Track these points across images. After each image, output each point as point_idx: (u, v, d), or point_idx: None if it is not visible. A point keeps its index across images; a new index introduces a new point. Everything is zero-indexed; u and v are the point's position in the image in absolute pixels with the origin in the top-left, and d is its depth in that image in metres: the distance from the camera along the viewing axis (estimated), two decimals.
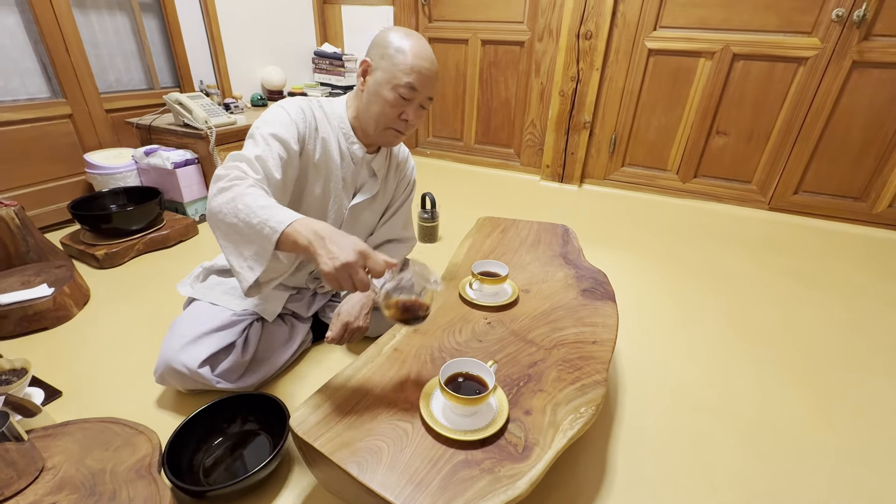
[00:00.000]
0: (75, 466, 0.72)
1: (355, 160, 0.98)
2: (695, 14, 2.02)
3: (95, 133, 1.86)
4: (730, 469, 0.88)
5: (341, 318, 1.01)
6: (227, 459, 0.84)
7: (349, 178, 1.00)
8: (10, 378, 0.93)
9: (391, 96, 0.87)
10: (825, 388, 1.11)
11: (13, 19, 1.59)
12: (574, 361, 0.77)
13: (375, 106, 0.89)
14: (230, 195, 0.70)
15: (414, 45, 0.85)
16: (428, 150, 2.95)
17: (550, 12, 2.27)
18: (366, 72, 0.90)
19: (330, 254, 0.61)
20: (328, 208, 1.01)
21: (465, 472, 0.57)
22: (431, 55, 0.88)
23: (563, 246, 1.19)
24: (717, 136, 2.19)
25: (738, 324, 1.35)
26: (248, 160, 0.78)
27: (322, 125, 0.94)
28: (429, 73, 0.87)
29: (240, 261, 0.70)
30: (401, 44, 0.85)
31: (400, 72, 0.85)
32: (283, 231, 0.64)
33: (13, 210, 1.32)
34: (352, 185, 1.02)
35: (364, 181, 1.03)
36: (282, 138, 0.85)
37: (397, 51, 0.85)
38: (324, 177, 0.97)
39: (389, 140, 0.95)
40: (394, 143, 0.96)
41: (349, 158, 0.98)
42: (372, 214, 1.10)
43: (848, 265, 1.75)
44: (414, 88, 0.86)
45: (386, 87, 0.86)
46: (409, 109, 0.88)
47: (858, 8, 1.76)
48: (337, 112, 0.97)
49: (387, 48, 0.86)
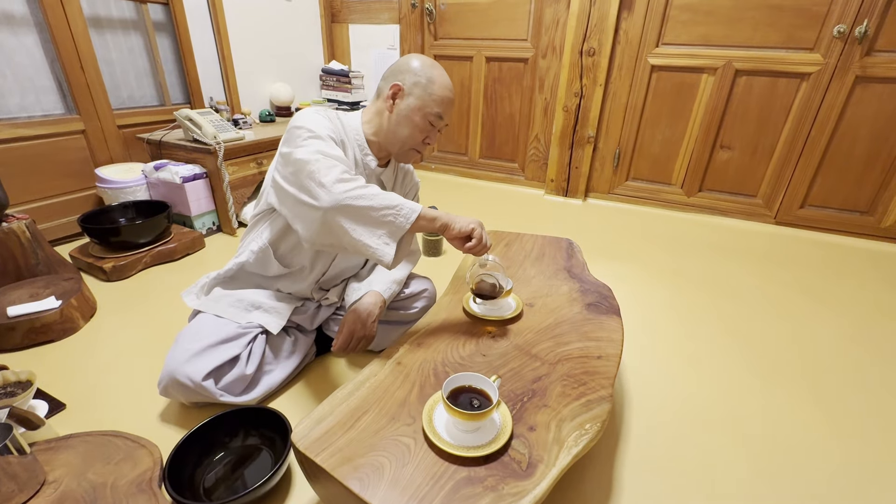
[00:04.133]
0: (77, 480, 0.71)
1: (367, 171, 1.01)
2: (696, 31, 2.05)
3: (107, 148, 1.90)
4: (737, 486, 0.86)
5: (347, 326, 1.01)
6: (228, 474, 0.83)
7: None
8: (15, 390, 0.93)
9: (422, 123, 0.93)
10: (832, 403, 1.09)
11: (31, 39, 1.64)
12: (579, 376, 0.76)
13: (405, 129, 0.94)
14: (354, 185, 0.78)
15: (442, 77, 0.92)
16: (433, 165, 2.97)
17: (554, 30, 2.31)
18: (396, 95, 0.93)
19: (461, 222, 0.82)
20: None
21: (467, 490, 0.56)
22: (453, 87, 0.96)
23: (567, 260, 1.18)
24: (721, 150, 2.20)
25: (745, 338, 1.33)
26: (340, 158, 0.82)
27: (346, 136, 0.98)
28: (452, 104, 0.96)
29: (374, 239, 0.79)
30: (431, 74, 0.91)
31: (433, 101, 0.91)
32: (418, 214, 0.79)
33: (24, 223, 1.35)
34: None
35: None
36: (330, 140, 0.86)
37: (430, 81, 0.91)
38: None
39: (410, 158, 1.01)
40: (413, 160, 1.03)
41: (362, 168, 1.00)
42: None
43: (855, 279, 1.73)
44: (441, 118, 0.94)
45: (418, 113, 0.92)
46: (431, 135, 0.96)
47: (860, 24, 1.77)
48: (353, 125, 0.99)
49: (419, 76, 0.91)
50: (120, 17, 1.90)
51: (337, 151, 0.84)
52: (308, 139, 0.84)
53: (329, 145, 0.84)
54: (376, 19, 2.74)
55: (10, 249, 1.32)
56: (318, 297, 1.13)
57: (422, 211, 0.79)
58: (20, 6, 1.59)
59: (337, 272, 1.13)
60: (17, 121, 1.64)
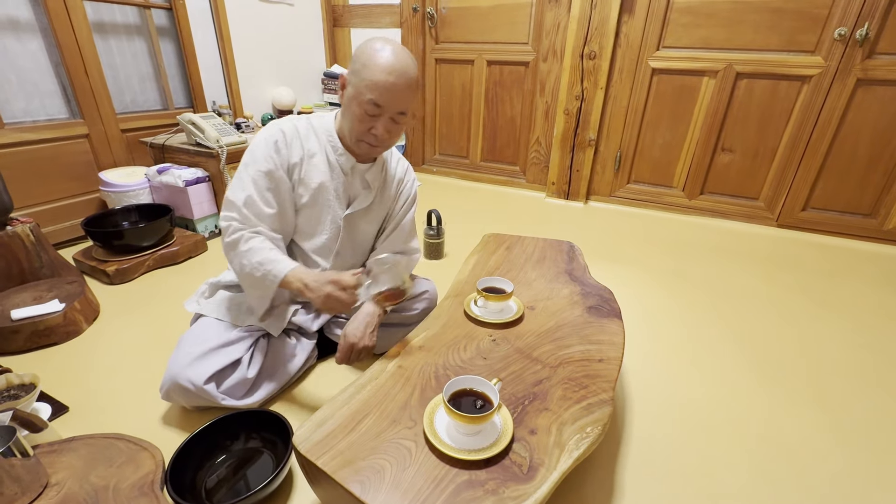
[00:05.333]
0: (79, 483, 0.72)
1: (345, 171, 1.00)
2: (697, 34, 2.05)
3: (111, 152, 1.91)
4: (739, 489, 0.86)
5: (347, 339, 1.01)
6: (229, 477, 0.83)
7: (341, 190, 1.01)
8: (19, 393, 0.93)
9: (358, 112, 0.87)
10: (835, 406, 1.09)
11: (36, 44, 1.66)
12: (580, 380, 0.76)
13: (347, 120, 0.92)
14: (236, 252, 0.91)
15: (382, 60, 0.83)
16: (434, 168, 2.98)
17: (555, 34, 2.32)
18: (343, 85, 0.91)
19: (313, 293, 0.84)
20: (321, 219, 1.03)
21: (468, 493, 0.56)
22: (401, 68, 0.84)
23: (568, 263, 1.18)
24: (722, 152, 2.20)
25: (747, 341, 1.33)
26: (238, 209, 0.92)
27: (308, 141, 0.97)
28: (394, 89, 0.84)
29: (251, 298, 0.95)
30: (369, 58, 0.84)
31: (365, 87, 0.84)
32: (280, 281, 0.87)
33: (28, 227, 1.35)
34: (345, 196, 1.03)
35: (358, 192, 1.04)
36: (266, 171, 0.93)
37: (363, 66, 0.84)
38: (313, 190, 0.99)
39: (365, 152, 0.96)
40: (371, 154, 0.98)
41: (339, 170, 0.99)
42: (369, 225, 1.10)
43: (858, 282, 1.72)
44: (377, 105, 0.85)
45: (354, 102, 0.87)
46: (377, 124, 0.88)
47: (861, 27, 1.78)
48: (325, 126, 0.99)
49: (356, 62, 0.86)
50: (124, 22, 1.92)
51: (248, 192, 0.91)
52: (236, 177, 0.93)
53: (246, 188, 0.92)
54: (378, 23, 2.75)
55: (15, 253, 1.33)
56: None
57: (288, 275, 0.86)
58: (25, 11, 1.61)
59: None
60: (22, 125, 1.65)
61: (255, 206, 0.92)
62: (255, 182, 0.92)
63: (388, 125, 0.89)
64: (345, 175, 1.00)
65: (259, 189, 0.93)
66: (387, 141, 0.92)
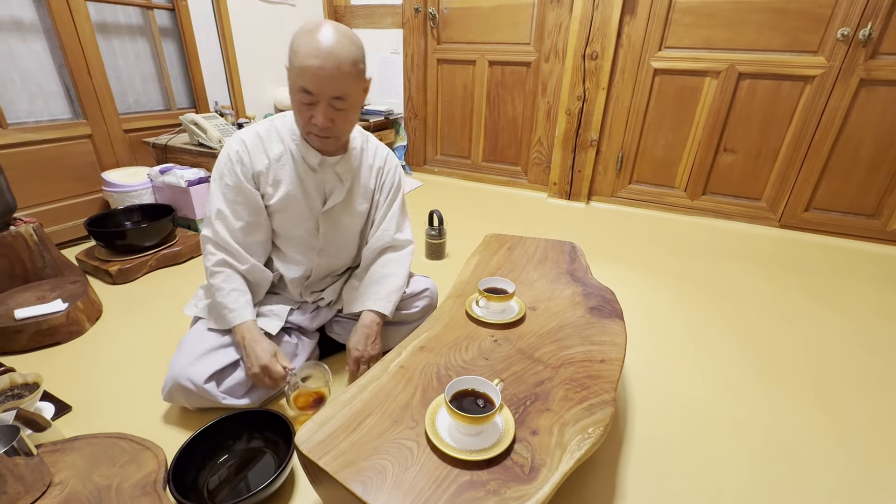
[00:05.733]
0: (82, 482, 0.72)
1: (314, 167, 0.97)
2: (699, 34, 2.05)
3: (113, 152, 1.91)
4: (741, 490, 0.86)
5: (352, 354, 1.04)
6: (231, 477, 0.83)
7: (313, 186, 0.99)
8: (23, 392, 0.94)
9: (296, 102, 0.85)
10: (837, 407, 1.09)
11: (40, 45, 1.67)
12: (581, 380, 0.76)
13: (293, 112, 0.90)
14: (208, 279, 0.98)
15: (307, 43, 0.78)
16: (436, 168, 2.98)
17: (556, 34, 2.32)
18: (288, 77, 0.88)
19: (248, 361, 0.94)
20: (298, 220, 1.02)
21: (470, 494, 0.56)
22: (328, 50, 0.78)
23: (570, 263, 1.18)
24: (724, 153, 2.19)
25: (749, 342, 1.33)
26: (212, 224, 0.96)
27: (272, 144, 0.96)
28: (321, 72, 0.78)
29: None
30: (299, 44, 0.79)
31: (296, 74, 0.81)
32: (232, 328, 0.96)
33: (32, 227, 1.36)
34: (319, 193, 1.01)
35: (333, 187, 1.01)
36: (233, 186, 0.94)
37: (294, 53, 0.80)
38: (284, 193, 0.98)
39: (316, 144, 0.93)
40: (324, 146, 0.93)
41: (306, 167, 0.97)
42: (351, 218, 1.08)
43: (862, 283, 1.72)
44: (308, 91, 0.80)
45: (291, 92, 0.85)
46: (315, 112, 0.84)
47: (864, 27, 1.77)
48: (288, 125, 0.97)
49: (290, 50, 0.82)
50: (127, 22, 1.92)
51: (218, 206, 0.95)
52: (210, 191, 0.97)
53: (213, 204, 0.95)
54: (380, 24, 2.75)
55: (18, 252, 1.34)
56: (313, 299, 1.13)
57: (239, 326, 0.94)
58: (29, 13, 1.62)
59: (321, 275, 1.12)
60: (25, 125, 1.66)
61: (226, 220, 0.95)
62: (224, 196, 0.95)
63: (328, 112, 0.84)
64: (315, 171, 0.98)
65: (228, 202, 0.95)
66: (333, 129, 0.87)
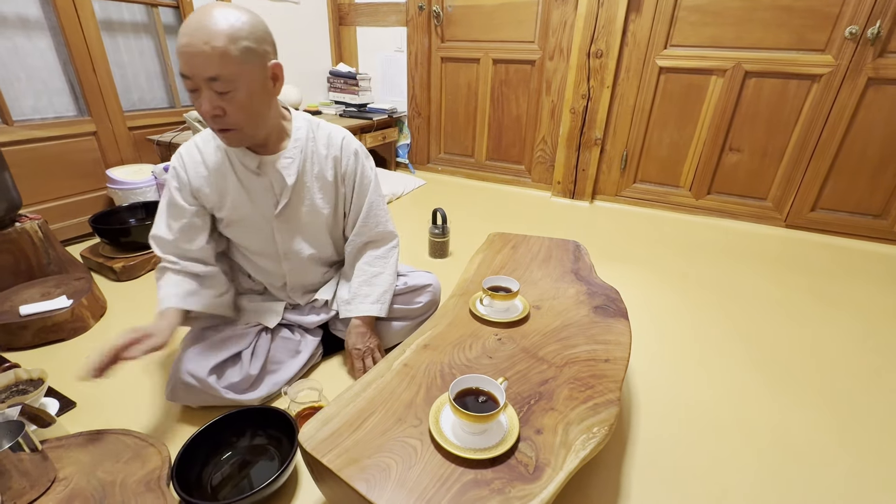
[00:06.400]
0: (86, 478, 0.72)
1: (252, 169, 0.92)
2: (705, 33, 2.03)
3: (118, 149, 1.92)
4: (746, 492, 0.85)
5: (353, 354, 1.05)
6: (235, 474, 0.83)
7: (260, 191, 0.95)
8: (27, 388, 0.94)
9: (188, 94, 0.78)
10: (844, 408, 1.08)
11: (45, 42, 1.67)
12: (586, 380, 0.76)
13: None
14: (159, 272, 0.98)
15: (184, 27, 0.72)
16: (439, 167, 2.98)
17: (561, 32, 2.31)
18: None
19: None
20: (253, 228, 0.99)
21: (474, 492, 0.56)
22: (197, 26, 0.71)
23: (574, 262, 1.18)
24: (730, 152, 2.18)
25: (755, 342, 1.32)
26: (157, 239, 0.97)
27: (209, 154, 0.93)
28: (191, 50, 0.72)
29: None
30: (180, 31, 0.73)
31: (179, 61, 0.75)
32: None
33: (37, 224, 1.36)
34: (268, 196, 0.96)
35: (282, 187, 0.95)
36: (170, 202, 0.95)
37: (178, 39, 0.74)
38: (230, 202, 0.95)
39: (226, 141, 0.85)
40: (228, 143, 0.86)
41: (246, 171, 0.93)
42: (313, 216, 1.01)
43: (869, 283, 1.70)
44: (184, 75, 0.74)
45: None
46: (201, 100, 0.77)
47: (872, 25, 1.75)
48: None
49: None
50: (131, 20, 1.93)
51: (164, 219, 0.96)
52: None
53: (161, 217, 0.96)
54: (384, 22, 2.75)
55: (23, 249, 1.34)
56: (305, 301, 1.13)
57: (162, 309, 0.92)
58: (34, 10, 1.62)
59: (299, 280, 1.10)
60: (31, 122, 1.67)
61: (160, 228, 0.96)
62: (167, 210, 0.96)
63: (212, 98, 0.76)
64: (257, 175, 0.93)
65: (166, 218, 0.96)
66: (227, 120, 0.79)
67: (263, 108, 0.85)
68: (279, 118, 0.94)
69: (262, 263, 1.06)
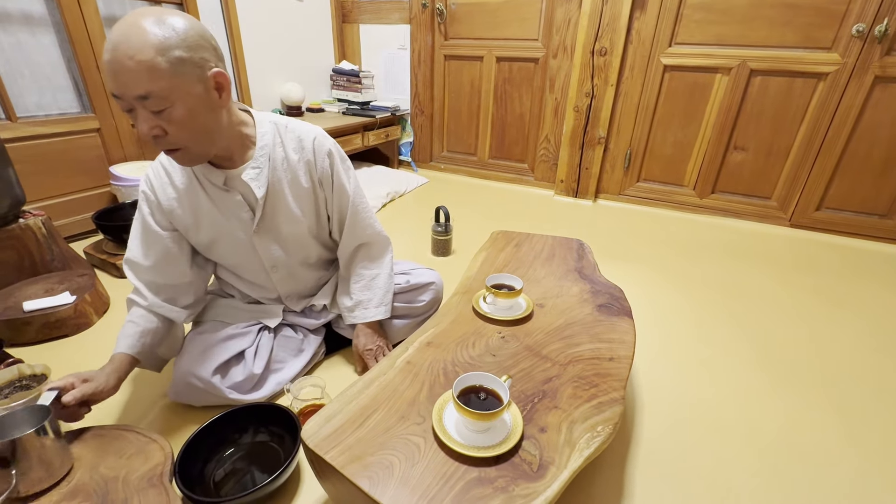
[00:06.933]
0: (89, 474, 0.72)
1: (220, 185, 0.86)
2: (711, 30, 2.02)
3: (121, 146, 1.92)
4: (750, 492, 0.84)
5: (364, 355, 1.06)
6: (237, 470, 0.83)
7: (230, 206, 0.89)
8: (31, 384, 0.94)
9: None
10: (849, 409, 1.07)
11: (49, 39, 1.67)
12: (590, 378, 0.75)
13: None
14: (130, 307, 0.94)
15: (107, 40, 0.64)
16: (442, 165, 2.97)
17: (565, 30, 2.30)
18: None
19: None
20: (233, 246, 0.95)
21: (478, 490, 0.55)
22: (117, 39, 0.63)
23: (577, 261, 1.17)
24: (735, 151, 2.16)
25: (759, 342, 1.31)
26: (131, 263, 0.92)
27: (175, 174, 0.88)
28: (116, 68, 0.64)
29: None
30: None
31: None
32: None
33: (40, 220, 1.37)
34: (240, 211, 0.90)
35: (253, 199, 0.89)
36: (142, 226, 0.91)
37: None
38: (205, 222, 0.91)
39: (176, 161, 0.77)
40: (180, 163, 0.78)
41: (213, 187, 0.87)
42: (293, 225, 0.95)
43: (875, 284, 1.69)
44: (116, 96, 0.67)
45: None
46: (137, 121, 0.69)
47: (880, 23, 1.74)
48: None
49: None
50: None
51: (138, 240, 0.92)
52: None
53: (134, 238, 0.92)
54: (387, 19, 2.74)
55: (27, 245, 1.35)
56: (301, 307, 1.12)
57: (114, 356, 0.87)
58: (38, 6, 1.62)
59: (293, 289, 1.08)
60: (34, 119, 1.67)
61: (135, 253, 0.92)
62: (141, 237, 0.92)
63: (148, 119, 0.68)
64: (227, 191, 0.88)
65: (140, 244, 0.91)
66: (170, 140, 0.72)
67: (210, 123, 0.75)
68: (238, 126, 0.84)
69: (252, 278, 1.03)
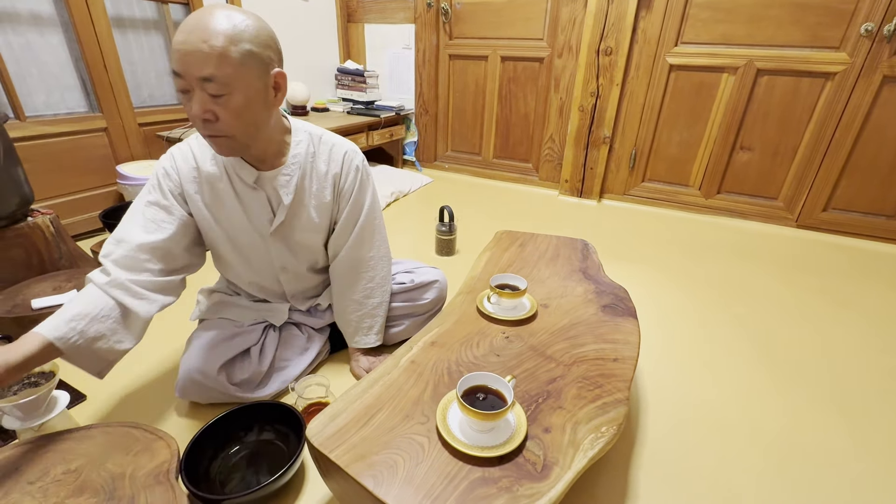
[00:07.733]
0: (96, 470, 0.73)
1: (249, 183, 0.88)
2: (717, 30, 2.01)
3: (128, 145, 1.93)
4: (754, 493, 0.84)
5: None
6: (243, 468, 0.84)
7: (256, 206, 0.90)
8: (39, 381, 0.95)
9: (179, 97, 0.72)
10: (854, 410, 1.06)
11: (57, 39, 1.69)
12: (594, 379, 0.75)
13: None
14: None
15: (183, 23, 0.68)
16: (446, 164, 2.97)
17: (570, 29, 2.29)
18: None
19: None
20: (248, 243, 0.95)
21: (481, 490, 0.56)
22: (195, 23, 0.67)
23: (582, 261, 1.17)
24: (741, 151, 2.15)
25: (764, 343, 1.30)
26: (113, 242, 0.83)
27: (206, 163, 0.87)
28: (184, 47, 0.67)
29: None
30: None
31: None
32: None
33: (48, 218, 1.38)
34: (263, 212, 0.91)
35: (278, 202, 0.91)
36: (154, 201, 0.86)
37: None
38: (225, 215, 0.91)
39: (216, 149, 0.79)
40: (218, 150, 0.79)
41: (243, 184, 0.88)
42: (308, 234, 0.97)
43: (881, 285, 1.68)
44: (177, 74, 0.69)
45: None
46: (191, 103, 0.71)
47: (889, 22, 1.72)
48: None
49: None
50: (142, 17, 1.94)
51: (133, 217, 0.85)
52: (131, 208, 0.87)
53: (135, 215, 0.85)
54: (392, 19, 2.74)
55: (35, 243, 1.36)
56: (306, 307, 1.12)
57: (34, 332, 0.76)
58: (47, 6, 1.63)
59: (298, 288, 1.07)
60: (42, 118, 1.68)
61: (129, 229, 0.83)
62: (144, 213, 0.85)
63: (203, 101, 0.70)
64: (254, 189, 0.88)
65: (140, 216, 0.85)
66: (218, 126, 0.73)
67: (261, 119, 0.78)
68: (279, 130, 0.87)
69: (260, 277, 1.03)
